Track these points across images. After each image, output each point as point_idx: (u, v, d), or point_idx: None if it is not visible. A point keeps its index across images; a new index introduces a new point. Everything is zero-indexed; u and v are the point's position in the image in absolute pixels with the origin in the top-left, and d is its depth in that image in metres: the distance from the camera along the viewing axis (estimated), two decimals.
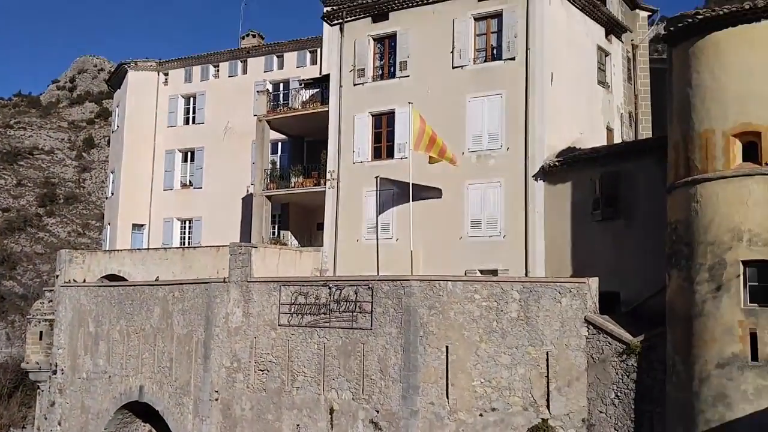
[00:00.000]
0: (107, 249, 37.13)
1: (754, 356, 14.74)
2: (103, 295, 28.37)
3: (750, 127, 15.32)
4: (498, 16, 23.41)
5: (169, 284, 26.31)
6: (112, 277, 30.90)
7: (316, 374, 21.18)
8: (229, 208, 34.38)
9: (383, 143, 25.53)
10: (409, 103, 22.99)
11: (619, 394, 17.39)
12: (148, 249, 33.80)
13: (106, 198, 43.45)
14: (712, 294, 15.38)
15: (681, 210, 16.31)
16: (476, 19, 23.91)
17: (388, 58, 25.81)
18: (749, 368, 14.72)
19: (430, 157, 22.61)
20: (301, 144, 32.14)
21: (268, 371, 22.27)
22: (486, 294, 19.00)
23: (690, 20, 16.22)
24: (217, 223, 34.59)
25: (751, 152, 15.42)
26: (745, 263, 15.14)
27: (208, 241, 32.64)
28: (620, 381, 17.34)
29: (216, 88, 36.88)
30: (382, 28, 25.79)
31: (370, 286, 20.50)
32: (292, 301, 21.98)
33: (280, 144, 33.12)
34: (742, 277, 15.10)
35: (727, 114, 15.52)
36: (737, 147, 15.55)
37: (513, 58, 22.90)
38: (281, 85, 34.73)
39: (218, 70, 37.12)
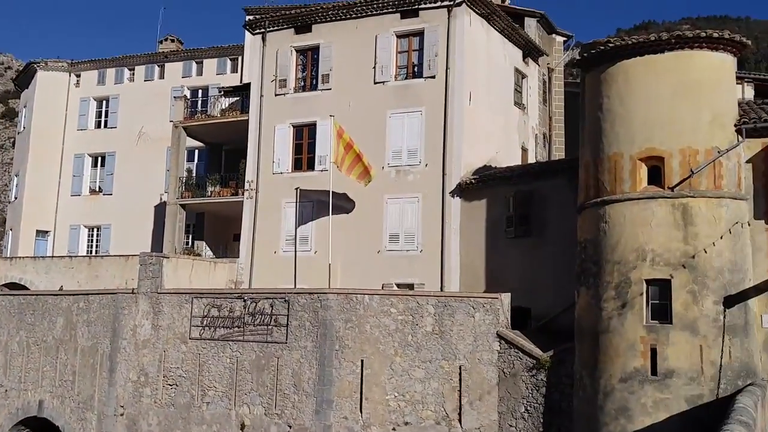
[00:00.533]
0: (8, 256, 35.19)
1: (654, 371, 15.44)
2: (1, 304, 26.84)
3: (655, 152, 16.13)
4: (420, 34, 23.80)
5: (74, 294, 25.15)
6: (13, 286, 29.30)
7: (227, 389, 20.71)
8: (140, 217, 33.25)
9: (304, 155, 25.40)
10: (331, 116, 23.01)
11: (528, 408, 17.80)
12: (52, 257, 32.25)
13: (9, 202, 41.24)
14: (617, 311, 16.03)
15: (590, 229, 16.95)
16: (399, 37, 24.22)
17: (310, 70, 25.75)
18: (649, 382, 15.40)
19: (349, 174, 22.64)
20: (219, 152, 31.55)
21: (177, 386, 21.60)
22: (402, 308, 19.13)
23: (602, 48, 16.96)
24: (127, 232, 33.37)
25: (655, 176, 16.23)
26: (648, 282, 15.87)
27: (118, 250, 31.44)
28: (530, 395, 17.76)
29: (130, 91, 35.68)
30: (305, 40, 25.73)
31: (287, 299, 20.27)
32: (205, 314, 21.45)
33: (196, 152, 32.38)
34: (645, 295, 15.83)
35: (634, 139, 16.29)
36: (643, 170, 16.32)
37: (433, 77, 23.30)
38: (200, 91, 33.96)
39: (134, 74, 35.96)
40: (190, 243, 30.36)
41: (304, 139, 25.42)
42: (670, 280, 15.64)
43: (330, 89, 24.98)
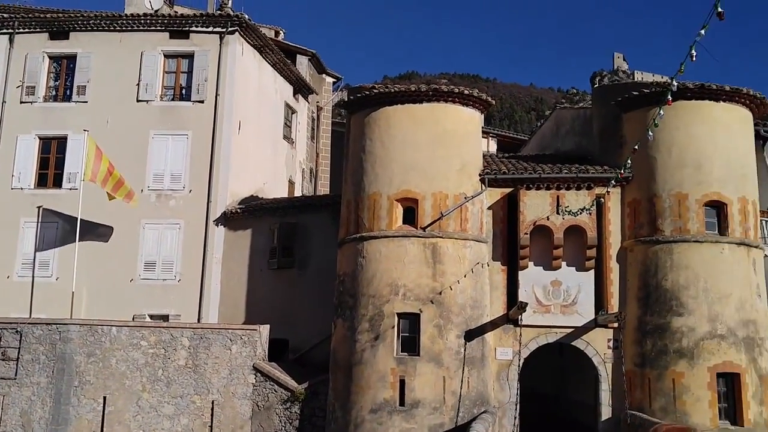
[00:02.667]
0: None
1: (402, 401, 16.24)
2: None
3: (410, 194, 17.21)
4: (190, 57, 23.11)
5: None
6: None
7: None
8: None
9: (51, 170, 23.11)
10: (85, 130, 21.28)
11: None
12: None
13: None
14: (371, 343, 16.66)
15: (349, 263, 17.52)
16: (166, 56, 23.29)
17: (65, 79, 23.70)
18: (397, 413, 16.15)
19: (108, 193, 21.06)
20: None
21: None
22: (154, 340, 18.08)
23: (366, 93, 17.84)
24: None
25: (410, 216, 17.29)
26: (400, 315, 16.76)
27: None
28: (283, 428, 17.68)
29: None
30: (61, 47, 23.69)
31: (19, 329, 18.15)
32: None
33: None
34: (396, 328, 16.66)
35: (392, 180, 17.25)
36: (399, 210, 17.32)
37: (202, 101, 22.71)
38: None
39: None
40: None
41: (52, 153, 23.17)
42: (420, 314, 16.66)
43: (86, 102, 23.16)
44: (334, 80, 30.64)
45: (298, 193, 27.09)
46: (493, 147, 27.07)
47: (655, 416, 15.42)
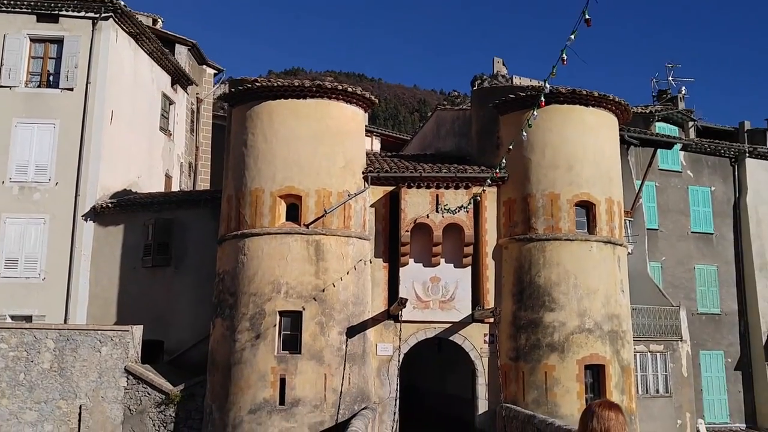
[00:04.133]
0: None
1: (282, 400, 16.01)
2: None
3: (293, 191, 17.00)
4: (59, 42, 21.69)
5: None
6: None
7: None
8: None
9: None
10: None
11: None
12: None
13: None
14: (251, 342, 16.31)
15: (229, 261, 17.07)
16: (33, 40, 21.74)
17: None
18: (277, 412, 15.90)
19: None
20: None
21: None
22: (15, 343, 16.87)
23: (249, 86, 17.45)
24: None
25: (293, 213, 17.08)
26: (282, 313, 16.52)
27: None
28: None
29: None
30: None
31: None
32: None
33: None
34: (278, 326, 16.41)
35: (275, 177, 16.97)
36: (282, 207, 17.07)
37: (71, 89, 21.37)
38: None
39: None
40: None
41: None
42: (302, 312, 16.49)
43: None
44: (216, 72, 29.78)
45: (175, 187, 26.11)
46: (376, 146, 27.29)
47: (528, 408, 16.05)
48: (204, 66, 29.17)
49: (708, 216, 25.23)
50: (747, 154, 25.86)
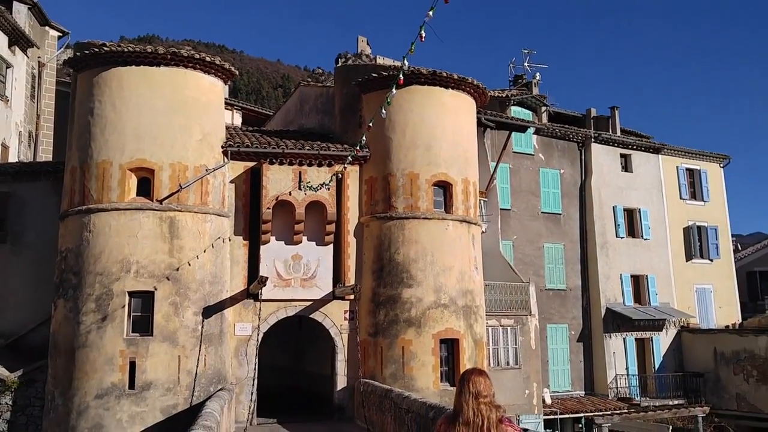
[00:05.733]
0: None
1: (132, 384, 15.23)
2: None
3: (145, 164, 16.07)
4: None
5: None
6: None
7: None
8: None
9: None
10: None
11: None
12: None
13: None
14: (97, 324, 15.35)
15: (73, 238, 15.93)
16: None
17: None
18: (126, 396, 15.11)
19: None
20: None
21: None
22: None
23: (96, 50, 16.23)
24: None
25: (145, 187, 16.16)
26: (132, 294, 15.65)
27: None
28: None
29: None
30: None
31: None
32: None
33: None
34: (127, 307, 15.53)
35: (125, 148, 15.96)
36: (133, 181, 16.11)
37: None
38: None
39: None
40: None
41: None
42: (154, 292, 15.72)
43: None
44: (60, 35, 27.50)
45: (13, 158, 23.96)
46: (237, 120, 26.43)
47: (385, 383, 16.30)
48: (47, 27, 26.87)
49: (557, 197, 26.73)
50: (593, 140, 27.59)
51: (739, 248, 39.09)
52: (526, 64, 29.99)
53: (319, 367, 19.79)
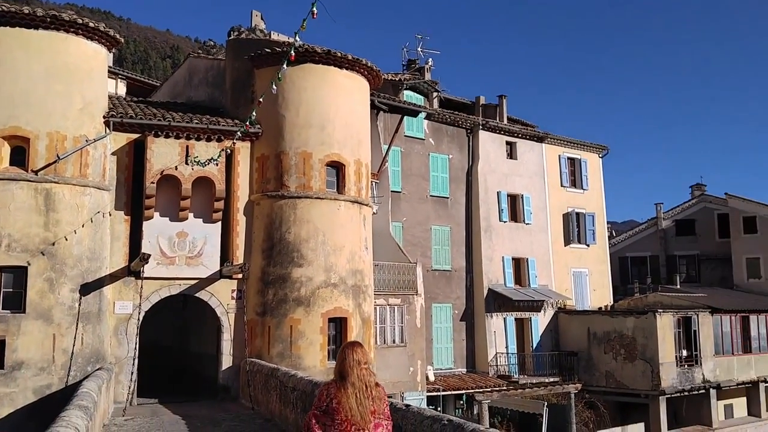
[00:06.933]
0: None
1: (1, 364, 14.41)
2: None
3: (19, 132, 15.16)
4: None
5: None
6: None
7: None
8: None
9: None
10: None
11: None
12: None
13: None
14: None
15: None
16: None
17: None
18: None
19: None
20: None
21: None
22: None
23: None
24: None
25: (19, 157, 15.25)
26: (2, 269, 14.79)
27: None
28: None
29: None
30: None
31: None
32: None
33: None
34: None
35: None
36: (6, 149, 15.18)
37: None
38: None
39: None
40: None
41: None
42: (27, 267, 14.91)
43: None
44: None
45: None
46: (122, 90, 25.28)
47: (272, 362, 16.25)
48: None
49: (445, 181, 27.42)
50: (480, 127, 28.45)
51: (614, 234, 41.68)
52: (419, 49, 30.48)
53: (205, 347, 19.45)
